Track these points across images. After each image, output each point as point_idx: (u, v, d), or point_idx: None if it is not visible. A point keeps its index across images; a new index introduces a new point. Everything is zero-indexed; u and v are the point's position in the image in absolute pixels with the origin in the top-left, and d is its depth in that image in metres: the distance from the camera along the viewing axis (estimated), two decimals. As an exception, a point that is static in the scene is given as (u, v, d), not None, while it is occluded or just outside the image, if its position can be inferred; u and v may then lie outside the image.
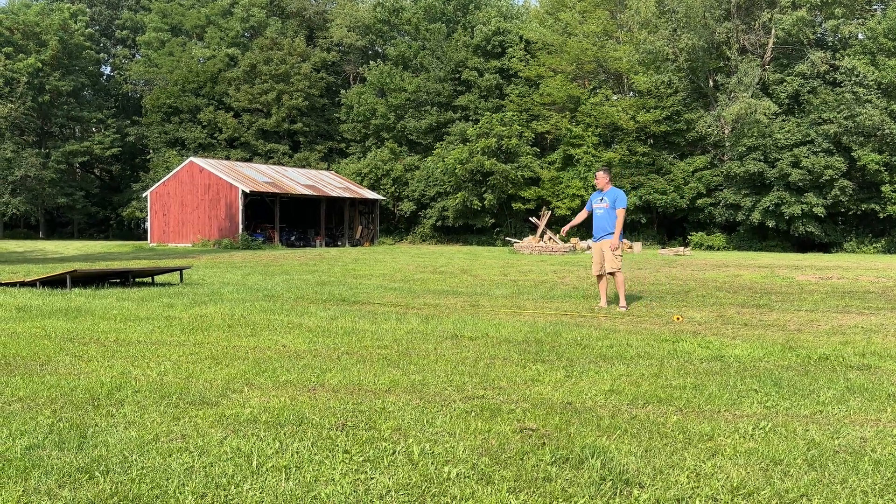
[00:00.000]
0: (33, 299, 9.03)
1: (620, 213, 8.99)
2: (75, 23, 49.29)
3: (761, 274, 15.40)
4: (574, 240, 31.76)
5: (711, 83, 37.68)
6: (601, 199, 9.12)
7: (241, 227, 31.81)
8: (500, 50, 42.75)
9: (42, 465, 3.01)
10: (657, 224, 38.93)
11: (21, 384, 4.42)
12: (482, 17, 44.28)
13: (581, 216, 9.57)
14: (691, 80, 38.09)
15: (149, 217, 35.38)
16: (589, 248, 30.51)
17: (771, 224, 33.77)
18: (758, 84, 35.53)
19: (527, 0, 49.31)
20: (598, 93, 38.95)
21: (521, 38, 42.28)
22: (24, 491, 2.75)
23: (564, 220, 37.82)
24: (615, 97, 39.74)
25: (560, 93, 38.63)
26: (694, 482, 2.94)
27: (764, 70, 36.11)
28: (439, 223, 40.89)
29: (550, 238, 30.38)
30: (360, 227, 38.60)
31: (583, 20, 39.99)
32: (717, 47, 37.07)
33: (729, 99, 35.42)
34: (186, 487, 2.80)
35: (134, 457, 3.12)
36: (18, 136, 44.50)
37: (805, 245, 34.46)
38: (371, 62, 46.97)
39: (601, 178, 9.13)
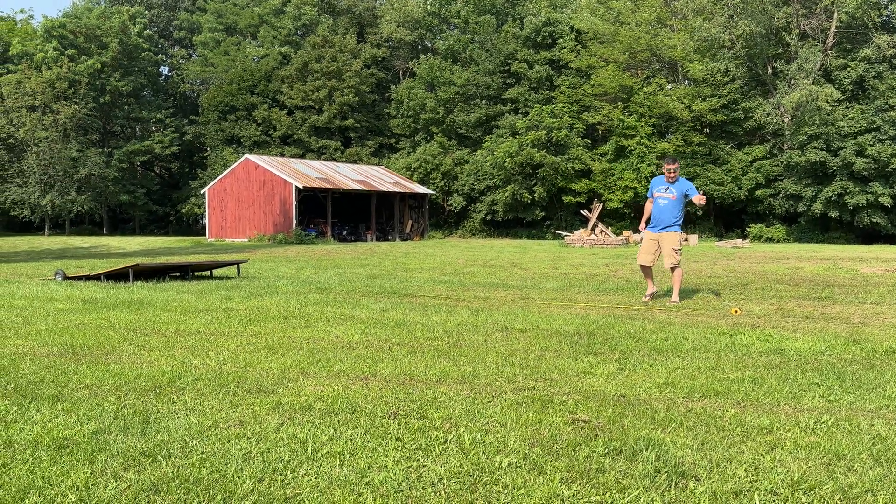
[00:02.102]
0: (98, 292, 9.38)
1: (699, 199, 8.40)
2: (133, 24, 50.83)
3: (823, 266, 14.91)
4: (626, 232, 31.29)
5: (770, 70, 36.53)
6: (667, 189, 8.57)
7: (294, 222, 32.37)
8: (550, 41, 42.30)
9: (108, 448, 3.13)
10: (714, 216, 38.03)
11: (88, 372, 4.60)
12: (532, 8, 43.90)
13: (648, 208, 8.90)
14: (749, 67, 37.00)
15: (207, 213, 36.31)
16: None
17: (834, 215, 32.61)
18: (819, 70, 34.28)
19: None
20: (652, 82, 38.17)
21: (571, 28, 41.73)
22: (91, 473, 2.86)
23: (616, 212, 37.26)
24: (669, 86, 38.87)
25: (612, 83, 38.00)
26: (752, 476, 2.87)
27: (826, 55, 34.82)
28: (489, 217, 40.79)
29: (602, 231, 30.00)
30: (410, 222, 38.83)
31: (635, 8, 39.23)
32: (776, 33, 35.89)
33: (789, 86, 34.29)
34: (244, 472, 2.87)
35: (194, 442, 3.22)
36: (83, 136, 46.18)
37: (870, 236, 33.16)
38: (421, 56, 47.10)
39: (673, 172, 8.51)
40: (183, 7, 59.30)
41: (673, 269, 8.65)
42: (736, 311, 7.65)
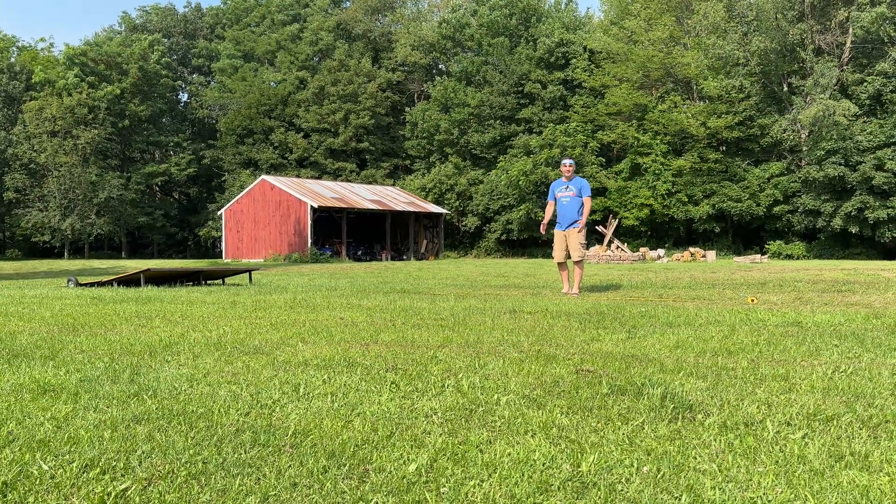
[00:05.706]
0: (108, 293, 9.36)
1: (588, 201, 8.95)
2: (152, 52, 51.75)
3: (845, 273, 14.61)
4: (643, 249, 31.00)
5: (785, 87, 36.31)
6: (566, 188, 9.02)
7: (309, 241, 32.40)
8: (563, 61, 42.45)
9: (93, 391, 3.03)
10: (732, 233, 37.58)
11: (84, 341, 4.52)
12: (545, 30, 44.13)
13: (549, 209, 9.36)
14: (764, 84, 36.82)
15: (223, 234, 36.49)
16: (660, 257, 29.68)
17: (854, 230, 32.09)
18: (836, 85, 34.00)
19: (589, 10, 48.88)
20: (667, 100, 38.07)
21: (584, 48, 41.86)
22: (73, 408, 2.76)
23: (633, 230, 36.95)
24: (684, 104, 38.75)
25: (626, 101, 37.95)
26: (765, 411, 2.70)
27: (842, 70, 34.57)
28: (504, 237, 40.61)
29: (618, 247, 29.74)
30: (424, 241, 38.78)
31: (648, 27, 39.31)
32: (791, 50, 35.72)
33: (805, 102, 34.03)
34: (231, 409, 2.75)
35: (183, 387, 3.11)
36: (102, 161, 46.80)
37: (893, 252, 32.58)
38: (435, 78, 47.43)
39: (569, 167, 9.04)
40: (202, 35, 60.35)
41: (578, 263, 8.90)
42: (752, 300, 7.45)
